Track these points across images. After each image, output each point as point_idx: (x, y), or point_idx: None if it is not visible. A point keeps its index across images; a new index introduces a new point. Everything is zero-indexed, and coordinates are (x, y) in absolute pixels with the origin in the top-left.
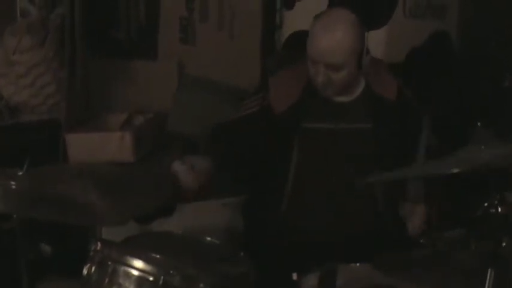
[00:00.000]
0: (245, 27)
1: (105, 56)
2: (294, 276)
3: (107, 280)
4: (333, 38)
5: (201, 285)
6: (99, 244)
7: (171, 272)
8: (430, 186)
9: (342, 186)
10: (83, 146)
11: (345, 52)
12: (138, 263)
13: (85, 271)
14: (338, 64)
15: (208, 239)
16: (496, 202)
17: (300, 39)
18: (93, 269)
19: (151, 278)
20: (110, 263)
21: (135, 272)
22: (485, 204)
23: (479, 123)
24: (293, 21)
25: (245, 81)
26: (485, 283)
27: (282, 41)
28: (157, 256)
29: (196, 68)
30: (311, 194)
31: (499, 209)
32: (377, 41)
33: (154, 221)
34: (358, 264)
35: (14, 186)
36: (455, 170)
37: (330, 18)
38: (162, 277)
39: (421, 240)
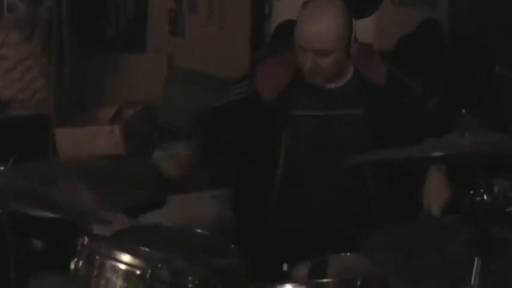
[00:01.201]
0: (234, 18)
1: (94, 50)
2: (285, 267)
3: (94, 274)
4: (320, 24)
5: (190, 278)
6: (86, 239)
7: (159, 265)
8: None
9: (333, 175)
10: (73, 140)
11: (332, 38)
12: (125, 257)
13: (73, 266)
14: (326, 50)
15: (198, 231)
16: (482, 190)
17: (289, 28)
18: (80, 263)
19: (138, 272)
20: (97, 257)
21: (122, 266)
22: (471, 192)
23: (463, 110)
24: (282, 10)
25: (235, 73)
26: (472, 272)
27: (271, 31)
28: (145, 249)
29: (186, 60)
30: (301, 184)
31: (485, 197)
32: (366, 29)
33: (144, 213)
34: (348, 254)
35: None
36: (438, 154)
37: (317, 5)
38: (149, 271)
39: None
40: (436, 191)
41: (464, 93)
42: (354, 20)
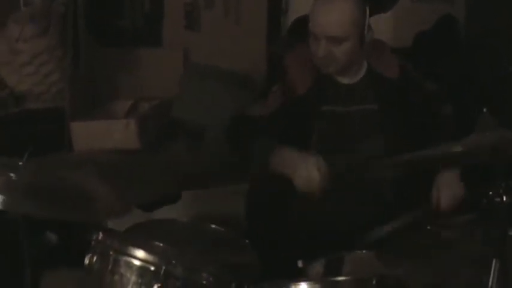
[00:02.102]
0: (250, 12)
1: (110, 44)
2: (300, 263)
3: (108, 270)
4: (333, 10)
5: (204, 274)
6: (100, 234)
7: (173, 261)
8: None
9: (349, 172)
10: (88, 134)
11: (346, 23)
12: (140, 253)
13: (87, 261)
14: (339, 36)
15: (213, 226)
16: (501, 191)
17: (306, 23)
18: (94, 258)
19: (152, 268)
20: (111, 252)
21: (136, 262)
22: (490, 193)
23: (485, 110)
24: (298, 5)
25: (251, 67)
26: (490, 272)
27: (287, 26)
28: (159, 245)
29: (202, 55)
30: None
31: (504, 198)
32: (384, 25)
33: (159, 208)
34: (364, 252)
35: (14, 178)
36: (459, 149)
37: None
38: (163, 267)
39: (428, 227)
40: (447, 185)
41: (481, 91)
42: (367, 8)
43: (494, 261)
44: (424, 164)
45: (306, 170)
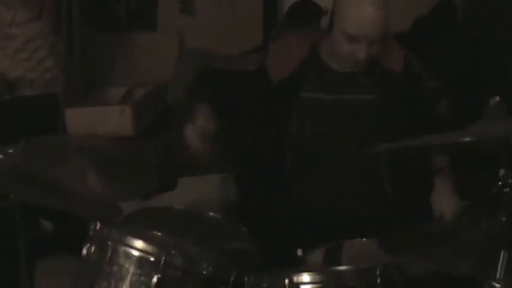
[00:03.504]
0: None
1: (104, 29)
2: (299, 252)
3: (106, 260)
4: (376, 12)
5: (203, 264)
6: (98, 224)
7: (173, 252)
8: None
9: (344, 160)
10: (82, 120)
11: (386, 23)
12: (139, 243)
13: (85, 251)
14: (381, 37)
15: (210, 213)
16: (510, 181)
17: (303, 8)
18: (92, 249)
19: (152, 259)
20: (109, 243)
21: (135, 253)
22: (499, 183)
23: (497, 98)
24: None
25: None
26: (497, 264)
27: (284, 11)
28: (158, 234)
29: (197, 39)
30: (312, 167)
31: None
32: None
33: (156, 195)
34: (363, 240)
35: (6, 163)
36: (467, 139)
37: None
38: (163, 257)
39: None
40: (445, 201)
41: (484, 78)
42: None
43: (502, 252)
44: (429, 151)
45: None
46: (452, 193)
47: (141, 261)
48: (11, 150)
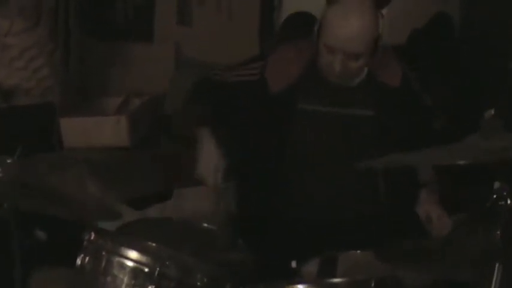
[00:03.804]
0: (243, 7)
1: (101, 39)
2: (293, 264)
3: (101, 271)
4: (354, 26)
5: (198, 275)
6: (92, 234)
7: (167, 263)
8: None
9: (340, 173)
10: (78, 130)
11: (366, 40)
12: (133, 254)
13: (79, 261)
14: (358, 53)
15: (205, 225)
16: (505, 194)
17: (299, 20)
18: (87, 259)
19: (146, 269)
20: (104, 253)
21: (129, 263)
22: (494, 196)
23: (492, 111)
24: (292, 2)
25: None
26: (492, 276)
27: (280, 22)
28: (153, 245)
29: (194, 50)
30: (308, 179)
31: (508, 201)
32: None
33: (150, 206)
34: (358, 252)
35: (2, 174)
36: (461, 162)
37: (347, 5)
38: (157, 268)
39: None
40: (432, 213)
41: (480, 90)
42: (381, 18)
43: (497, 265)
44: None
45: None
46: (438, 206)
47: (135, 272)
48: (9, 161)
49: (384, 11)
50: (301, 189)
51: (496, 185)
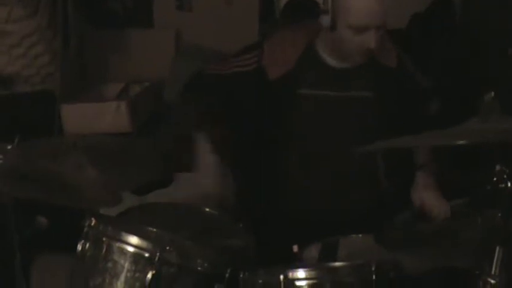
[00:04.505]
0: None
1: (100, 25)
2: (295, 248)
3: (101, 257)
4: (374, 2)
5: (199, 260)
6: (93, 220)
7: (168, 248)
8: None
9: (341, 157)
10: (79, 117)
11: (385, 9)
12: (134, 239)
13: (79, 247)
14: (383, 23)
15: (206, 209)
16: (505, 176)
17: (300, 5)
18: (87, 245)
19: (147, 255)
20: (104, 239)
21: (130, 249)
22: (494, 179)
23: (492, 93)
24: None
25: None
26: (492, 260)
27: (280, 7)
28: (153, 231)
29: (193, 35)
30: (310, 164)
31: (509, 184)
32: None
33: (151, 191)
34: (360, 236)
35: (3, 161)
36: (461, 142)
37: None
38: (158, 253)
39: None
40: (425, 197)
41: (482, 74)
42: None
43: (497, 248)
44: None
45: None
46: (433, 189)
47: (135, 258)
48: (9, 147)
49: None
50: (301, 172)
51: (497, 168)
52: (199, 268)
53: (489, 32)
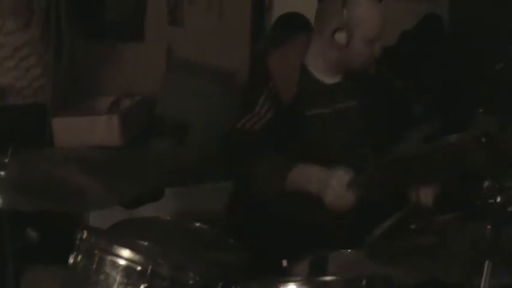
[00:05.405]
0: (234, 8)
1: (92, 38)
2: (284, 263)
3: (93, 269)
4: (381, 13)
5: (191, 274)
6: (85, 232)
7: (160, 260)
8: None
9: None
10: (70, 130)
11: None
12: (126, 252)
13: (71, 260)
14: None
15: (197, 224)
16: (495, 191)
17: (290, 21)
18: (79, 258)
19: (139, 268)
20: (96, 251)
21: (122, 262)
22: (484, 193)
23: (481, 110)
24: (283, 2)
25: (234, 63)
26: (482, 273)
27: (271, 23)
28: (145, 244)
29: (185, 50)
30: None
31: (498, 199)
32: None
33: (142, 205)
34: (349, 251)
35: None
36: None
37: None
38: (150, 267)
39: (412, 226)
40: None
41: (471, 90)
42: None
43: (486, 262)
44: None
45: (339, 187)
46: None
47: (128, 270)
48: (6, 160)
49: None
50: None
51: (486, 183)
52: (191, 282)
53: (477, 48)
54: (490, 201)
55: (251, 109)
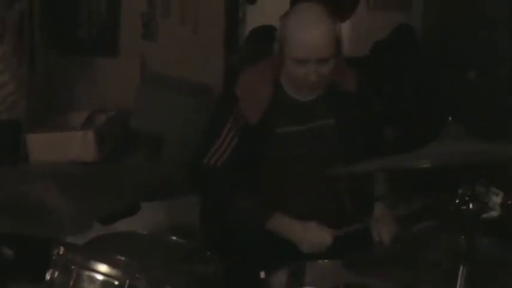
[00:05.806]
0: (208, 22)
1: (66, 54)
2: (262, 274)
3: (71, 285)
4: (318, 32)
5: (168, 287)
6: (61, 248)
7: (137, 275)
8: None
9: (311, 186)
10: (45, 146)
11: (332, 43)
12: (103, 267)
13: (48, 276)
14: (328, 56)
15: (174, 238)
16: (467, 198)
17: (263, 33)
18: (56, 274)
19: (116, 282)
20: (73, 267)
21: (99, 277)
22: (457, 200)
23: (450, 118)
24: (256, 15)
25: (209, 77)
26: (457, 280)
27: (244, 36)
28: (122, 259)
29: (159, 64)
30: (282, 194)
31: (471, 206)
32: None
33: (118, 220)
34: (326, 261)
35: None
36: (426, 165)
37: (305, 15)
38: (127, 281)
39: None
40: (382, 228)
41: (442, 99)
42: (337, 22)
43: (461, 268)
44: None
45: (317, 239)
46: (390, 221)
47: (105, 285)
48: None
49: (348, 24)
50: (275, 199)
51: (460, 190)
52: None
53: (449, 58)
54: (463, 208)
55: (218, 134)
